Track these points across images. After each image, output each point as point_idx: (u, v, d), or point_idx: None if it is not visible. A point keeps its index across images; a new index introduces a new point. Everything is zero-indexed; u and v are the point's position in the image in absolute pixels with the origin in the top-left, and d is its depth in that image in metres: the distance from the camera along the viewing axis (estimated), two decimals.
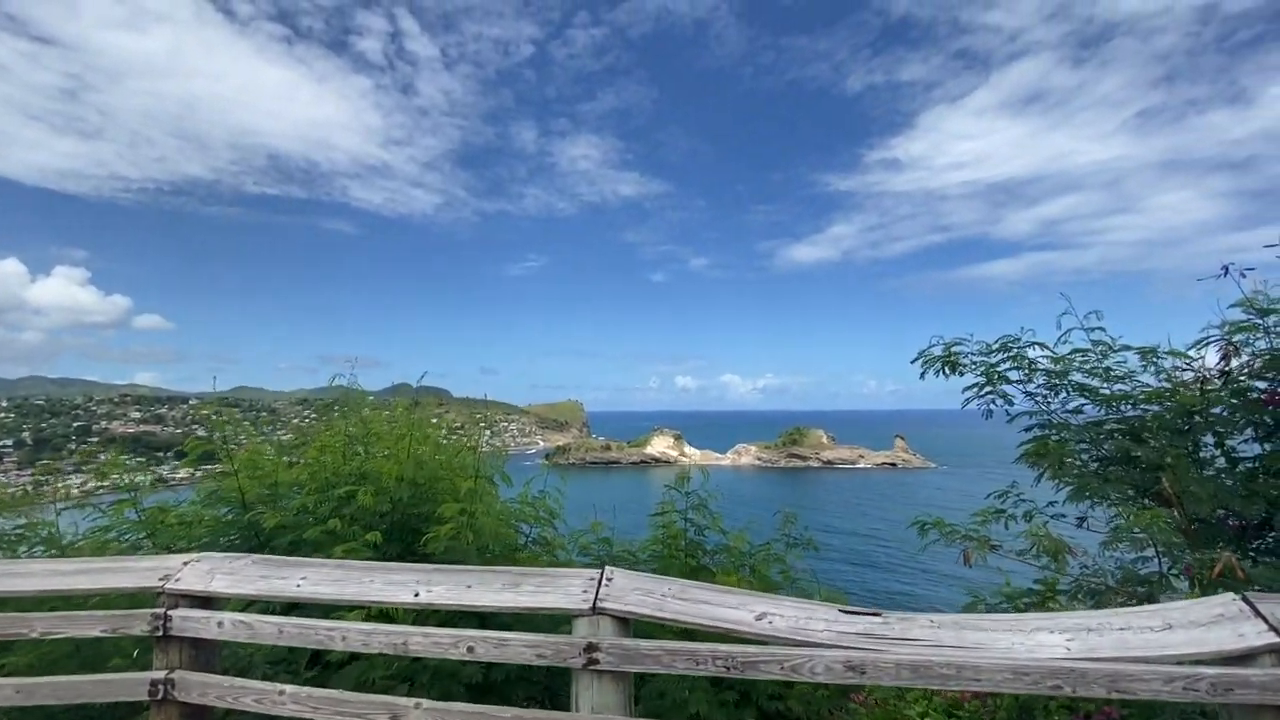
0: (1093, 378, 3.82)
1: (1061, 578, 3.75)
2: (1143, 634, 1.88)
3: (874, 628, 2.02)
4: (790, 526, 5.36)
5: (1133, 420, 3.64)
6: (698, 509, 4.53)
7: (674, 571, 4.25)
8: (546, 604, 2.15)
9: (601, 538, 4.82)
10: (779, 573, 4.64)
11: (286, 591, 2.42)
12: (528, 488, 4.86)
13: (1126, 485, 3.38)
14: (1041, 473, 4.08)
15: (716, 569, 4.55)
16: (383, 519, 3.96)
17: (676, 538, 4.44)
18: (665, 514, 4.62)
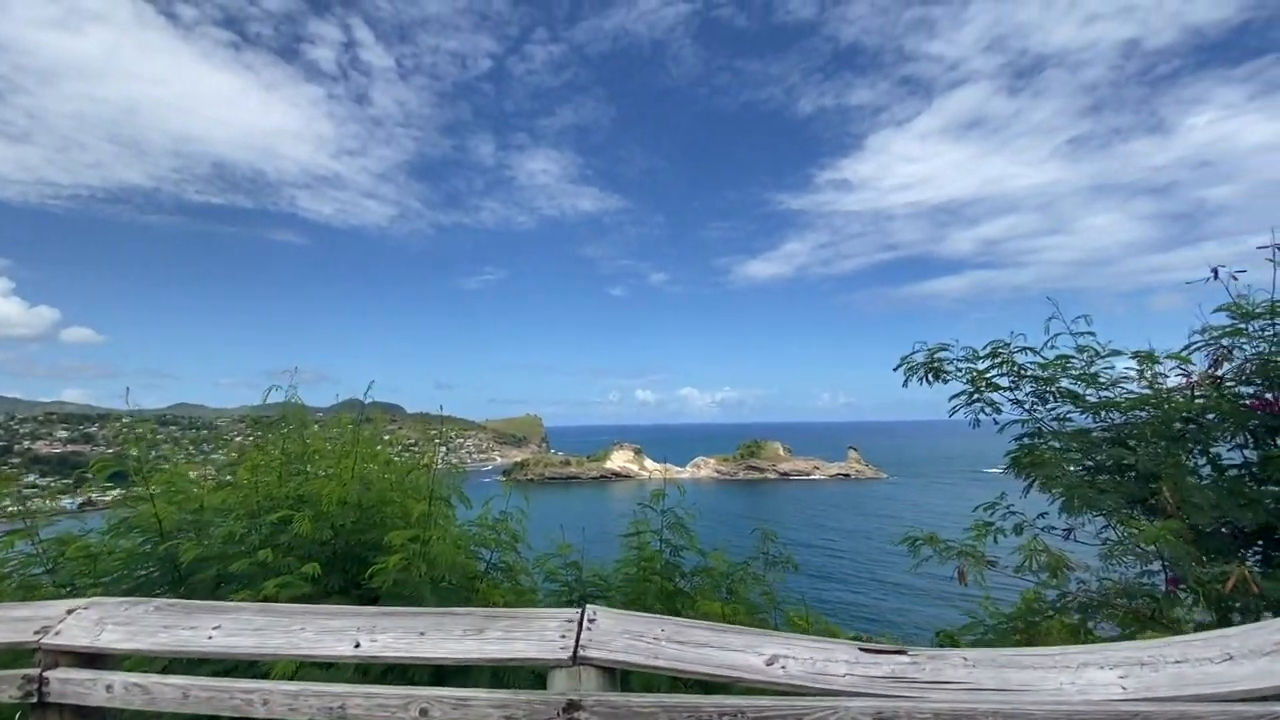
0: (1080, 384, 3.70)
1: (1046, 591, 3.59)
2: (1202, 666, 1.66)
3: (902, 669, 1.74)
4: (770, 544, 5.11)
5: (1121, 428, 3.53)
6: (674, 528, 4.22)
7: (650, 597, 3.92)
8: (517, 653, 1.80)
9: (569, 561, 4.45)
10: (760, 594, 4.36)
11: (194, 645, 1.98)
12: (487, 509, 4.46)
13: (1120, 495, 3.23)
14: (1030, 483, 3.94)
15: (694, 592, 4.24)
16: (323, 548, 3.50)
17: (652, 560, 4.11)
18: (639, 534, 4.29)
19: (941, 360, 4.14)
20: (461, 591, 3.45)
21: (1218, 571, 2.77)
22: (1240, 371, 3.31)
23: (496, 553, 4.52)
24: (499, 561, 4.56)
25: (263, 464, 3.92)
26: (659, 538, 4.29)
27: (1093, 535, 3.84)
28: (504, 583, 4.43)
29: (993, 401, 3.93)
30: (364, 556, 3.46)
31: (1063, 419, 3.80)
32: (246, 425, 5.28)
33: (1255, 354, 3.29)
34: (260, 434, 5.22)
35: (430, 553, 3.01)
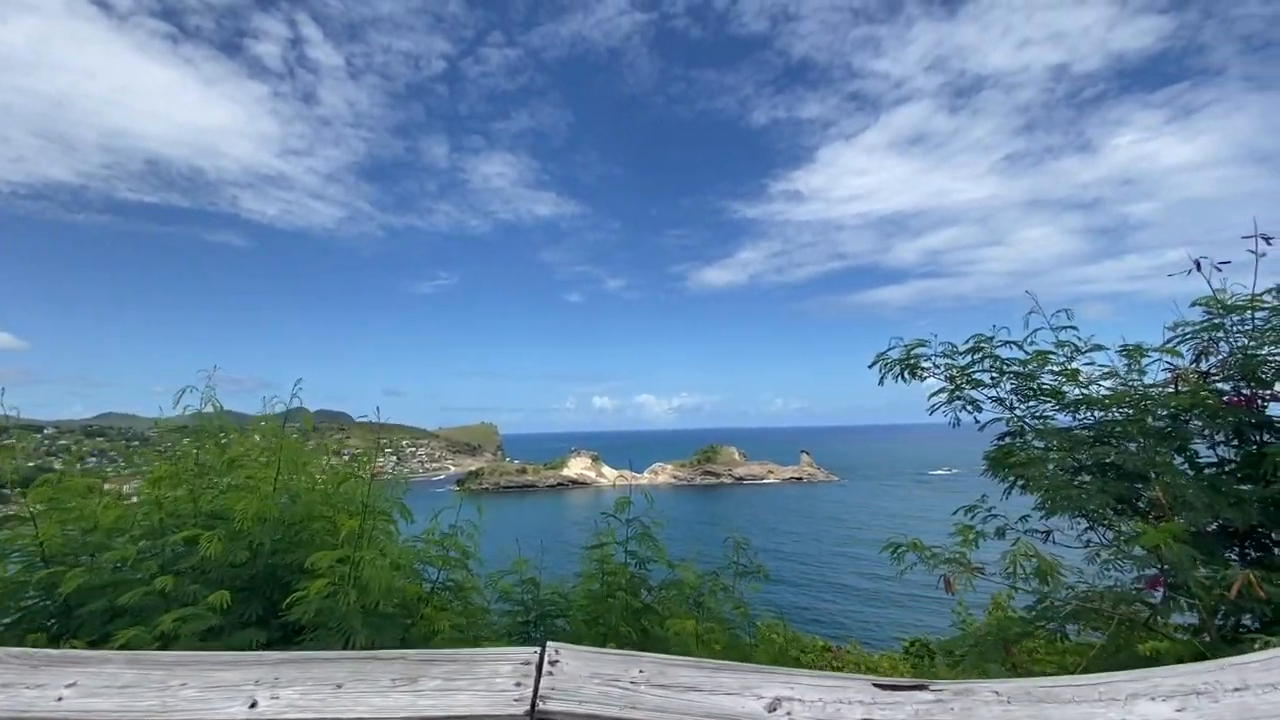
0: (1061, 380, 3.57)
1: (1026, 596, 3.42)
2: (1265, 694, 1.44)
3: (927, 709, 1.46)
4: (740, 553, 4.84)
5: (1104, 425, 3.41)
6: (641, 539, 3.89)
7: (615, 615, 3.58)
8: (460, 709, 1.43)
9: (526, 578, 4.06)
10: (732, 609, 4.07)
11: (38, 710, 1.54)
12: (435, 523, 4.04)
13: (1108, 496, 3.09)
14: (1010, 484, 3.79)
15: (661, 607, 3.92)
16: (238, 572, 3.03)
17: (616, 574, 3.77)
18: (603, 546, 3.95)
19: (918, 357, 3.96)
20: (400, 619, 3.03)
21: (1219, 575, 2.63)
22: (1224, 366, 3.22)
23: (446, 571, 4.12)
24: (448, 581, 4.15)
25: (168, 476, 3.40)
26: (624, 549, 3.96)
27: (1074, 538, 3.72)
28: (453, 604, 4.02)
29: (973, 399, 3.77)
30: (288, 582, 3.00)
31: (1043, 417, 3.66)
32: (183, 435, 4.70)
33: (1238, 348, 3.20)
34: (191, 443, 4.64)
35: (362, 577, 2.59)
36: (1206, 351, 3.31)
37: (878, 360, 4.10)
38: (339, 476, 3.43)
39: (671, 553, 4.58)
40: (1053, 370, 3.53)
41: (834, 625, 31.04)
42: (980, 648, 3.04)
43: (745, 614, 4.04)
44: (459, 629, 3.55)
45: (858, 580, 38.97)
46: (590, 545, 3.96)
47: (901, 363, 4.00)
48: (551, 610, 3.99)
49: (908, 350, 3.90)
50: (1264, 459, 3.25)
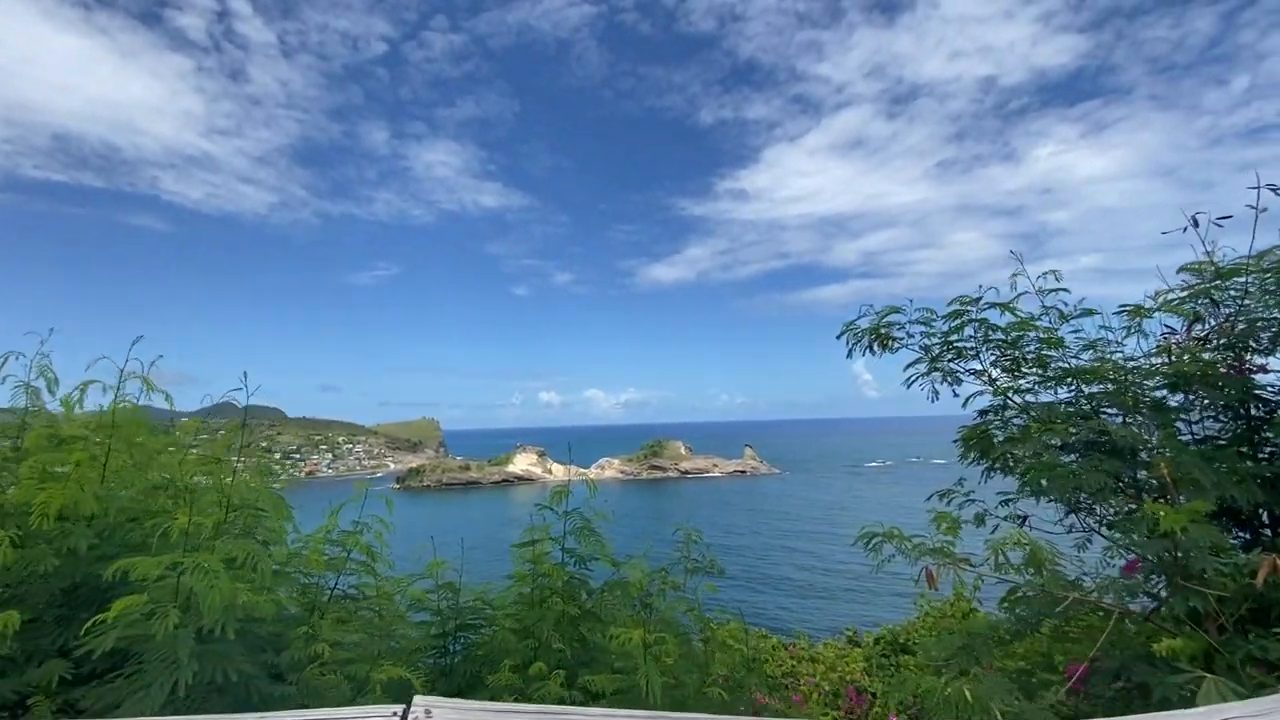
0: (1044, 349, 3.23)
1: (983, 586, 3.07)
2: None
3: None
4: (691, 546, 4.36)
5: (1097, 398, 3.09)
6: (580, 534, 3.33)
7: (548, 625, 3.01)
8: None
9: (444, 583, 3.43)
10: (684, 611, 3.58)
11: None
12: (333, 519, 3.37)
13: (1104, 474, 2.75)
14: (990, 466, 3.44)
15: (605, 612, 3.39)
16: (37, 586, 2.29)
17: (551, 576, 3.20)
18: (535, 543, 3.37)
19: (891, 325, 3.56)
20: (258, 644, 2.36)
21: (1237, 561, 2.31)
22: (1220, 332, 2.94)
23: (348, 576, 3.46)
24: (349, 588, 3.48)
25: None
26: (560, 546, 3.40)
27: (1051, 523, 3.41)
28: (361, 612, 3.37)
29: (952, 371, 3.40)
30: (112, 598, 2.30)
31: (1026, 391, 3.32)
32: (95, 432, 3.77)
33: (1237, 313, 2.93)
34: None
35: (195, 592, 1.92)
36: (1200, 318, 3.04)
37: (846, 330, 3.68)
38: (193, 462, 2.71)
39: (618, 549, 4.08)
40: (1039, 338, 3.19)
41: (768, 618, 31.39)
42: (970, 648, 2.65)
43: (699, 616, 3.56)
44: (357, 646, 2.91)
45: (792, 573, 39.48)
46: (521, 543, 3.38)
47: (872, 333, 3.59)
48: (474, 620, 3.38)
49: (880, 318, 3.49)
50: (1256, 433, 3.00)
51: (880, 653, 6.95)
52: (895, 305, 3.49)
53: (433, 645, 3.32)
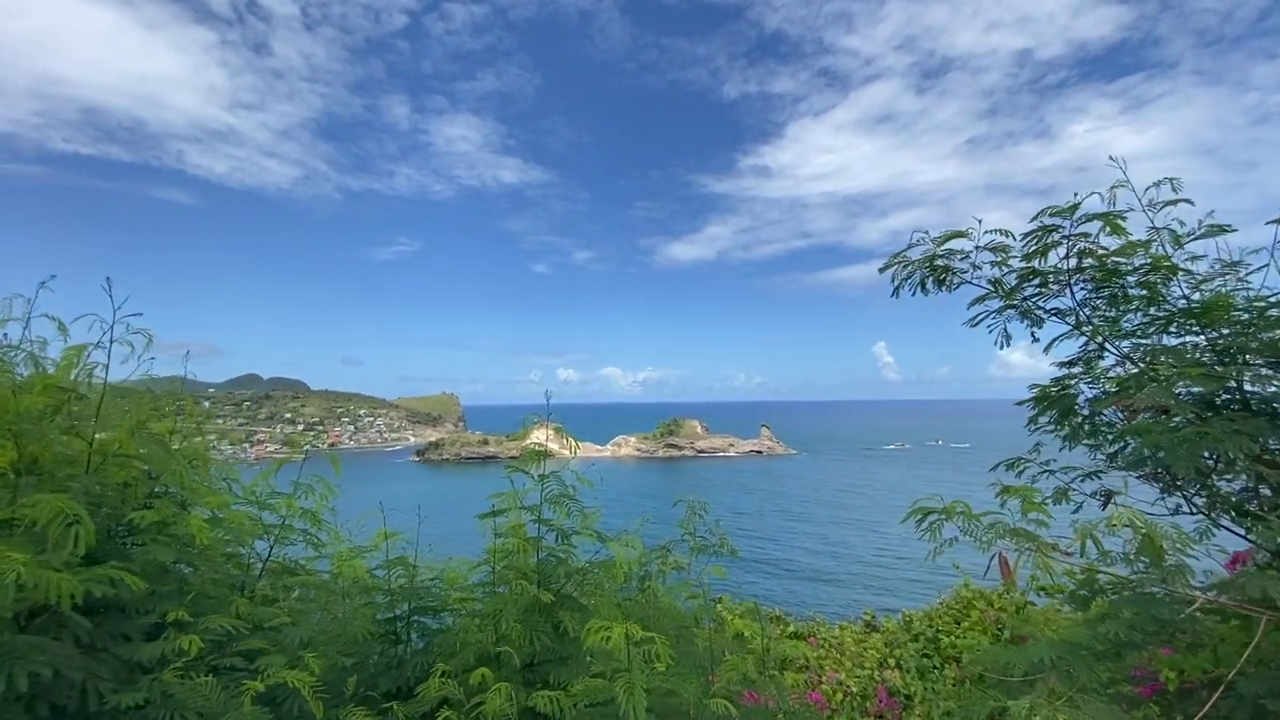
0: (1158, 280, 2.50)
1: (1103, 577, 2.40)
2: None
3: None
4: (695, 521, 3.74)
5: (1228, 343, 2.35)
6: (556, 503, 2.71)
7: (511, 614, 2.40)
8: None
9: (395, 558, 2.85)
10: (686, 597, 2.96)
11: None
12: (265, 479, 2.80)
13: (1248, 439, 2.04)
14: (1074, 430, 2.74)
15: (587, 597, 2.78)
16: None
17: (517, 552, 2.58)
18: (505, 512, 2.75)
19: (950, 255, 2.84)
20: (120, 632, 1.77)
21: None
22: None
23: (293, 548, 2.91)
24: (284, 560, 2.92)
25: None
26: (536, 518, 2.78)
27: (1149, 504, 2.70)
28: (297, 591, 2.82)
29: (1031, 310, 2.68)
30: None
31: (1129, 334, 2.60)
32: (127, 402, 3.20)
33: None
34: None
35: None
36: None
37: (892, 263, 2.97)
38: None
39: (625, 527, 3.49)
40: (1150, 266, 2.45)
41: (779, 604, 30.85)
42: (1065, 662, 1.97)
43: (702, 604, 2.94)
44: (275, 634, 2.35)
45: (805, 556, 38.60)
46: (486, 513, 2.76)
47: (926, 264, 2.88)
48: (432, 604, 2.80)
49: (939, 243, 2.77)
50: None
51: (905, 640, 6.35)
52: (958, 230, 2.76)
53: (380, 634, 2.75)
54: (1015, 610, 3.81)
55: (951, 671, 5.10)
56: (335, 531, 3.13)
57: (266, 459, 3.48)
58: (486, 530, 3.00)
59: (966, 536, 2.18)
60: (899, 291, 2.99)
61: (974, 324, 2.78)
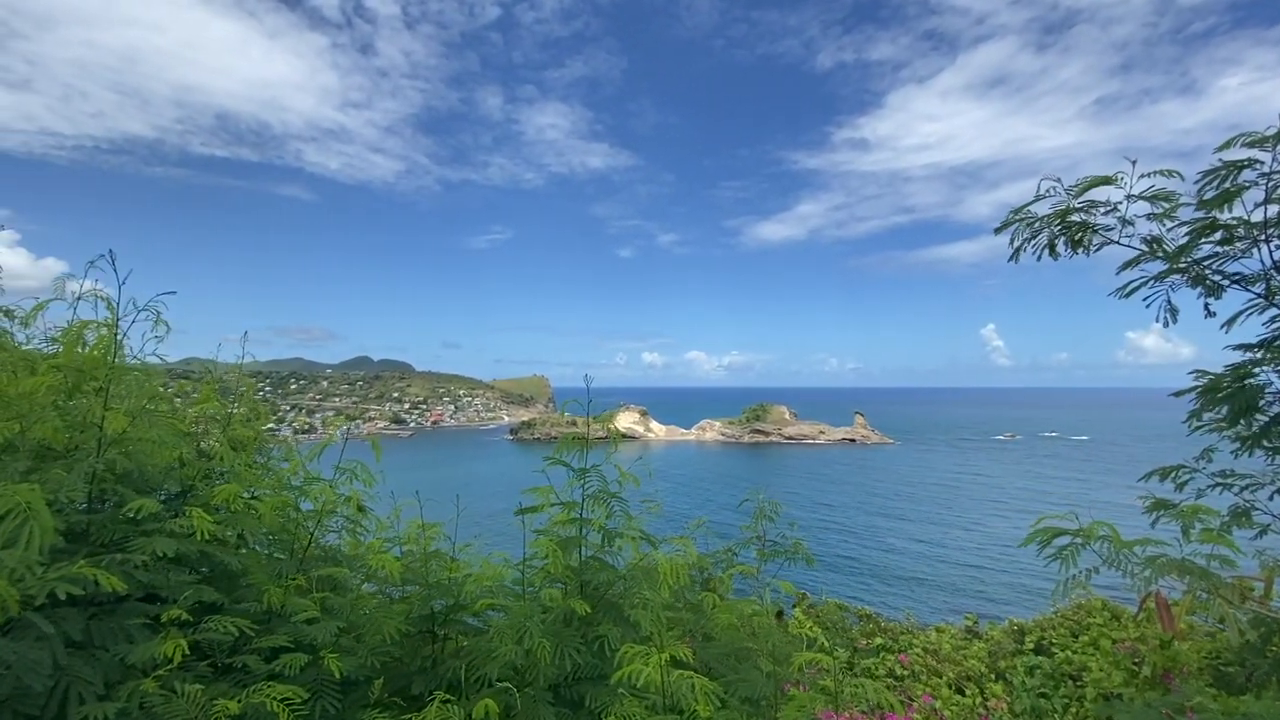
0: None
1: None
2: None
3: None
4: (763, 523, 3.34)
5: None
6: (597, 501, 2.40)
7: (537, 627, 2.13)
8: None
9: (430, 552, 2.66)
10: (749, 616, 2.58)
11: None
12: (296, 463, 2.69)
13: None
14: (1260, 432, 2.08)
15: (633, 608, 2.47)
16: None
17: (552, 556, 2.30)
18: (537, 510, 2.48)
19: (1091, 207, 2.23)
20: (111, 631, 1.65)
21: None
22: None
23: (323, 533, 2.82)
24: (326, 547, 2.83)
25: None
26: (578, 517, 2.49)
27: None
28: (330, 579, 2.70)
29: (1207, 276, 2.04)
30: None
31: None
32: (259, 380, 3.37)
33: None
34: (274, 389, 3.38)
35: None
36: None
37: (1012, 221, 2.39)
38: None
39: (697, 512, 3.15)
40: None
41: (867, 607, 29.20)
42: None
43: (764, 621, 2.55)
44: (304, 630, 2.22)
45: (895, 556, 35.96)
46: (523, 509, 2.50)
47: (1057, 221, 2.28)
48: (465, 601, 2.60)
49: (1077, 193, 2.17)
50: None
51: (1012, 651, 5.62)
52: (1104, 176, 2.15)
53: (407, 633, 2.58)
54: (1161, 645, 3.12)
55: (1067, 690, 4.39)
56: (380, 520, 3.01)
57: (378, 435, 3.47)
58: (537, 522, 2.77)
59: (1111, 568, 1.66)
60: (1018, 255, 2.42)
61: (1126, 294, 2.17)
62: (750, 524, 3.16)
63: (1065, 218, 2.26)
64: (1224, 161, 1.88)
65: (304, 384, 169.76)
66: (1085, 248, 2.31)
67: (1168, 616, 1.65)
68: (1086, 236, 2.27)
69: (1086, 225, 2.25)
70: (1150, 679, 3.20)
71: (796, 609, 6.10)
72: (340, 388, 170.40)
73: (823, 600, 7.18)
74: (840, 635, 5.49)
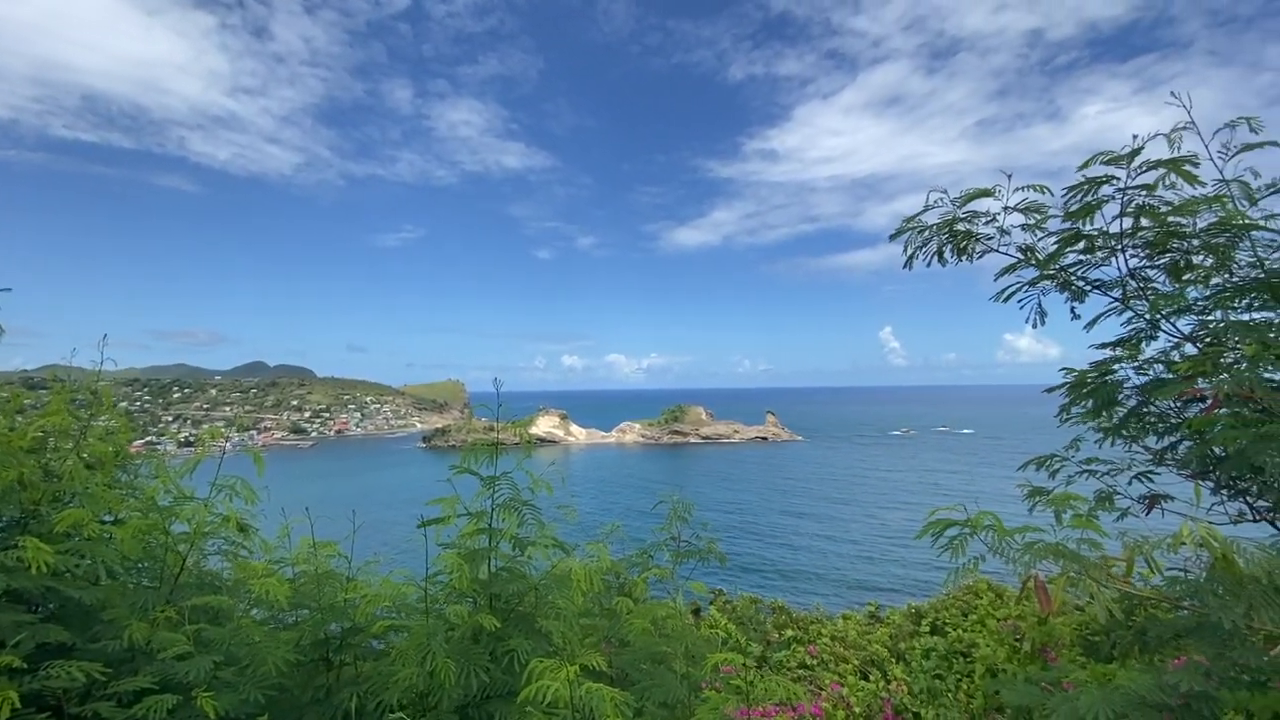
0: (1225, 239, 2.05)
1: None
2: None
3: None
4: (678, 523, 3.35)
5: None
6: (508, 510, 2.30)
7: (441, 646, 2.01)
8: None
9: (321, 572, 2.45)
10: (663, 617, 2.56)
11: None
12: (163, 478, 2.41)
13: None
14: (1119, 424, 2.31)
15: (546, 619, 2.39)
16: None
17: (458, 571, 2.18)
18: (440, 522, 2.35)
19: (973, 218, 2.39)
20: None
21: None
22: None
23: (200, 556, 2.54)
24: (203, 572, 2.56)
25: None
26: (486, 527, 2.38)
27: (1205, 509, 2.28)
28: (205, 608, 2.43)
29: (1073, 282, 2.24)
30: None
31: (1188, 309, 2.16)
32: (134, 388, 2.73)
33: None
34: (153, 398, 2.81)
35: None
36: None
37: (905, 229, 2.53)
38: None
39: (616, 516, 3.09)
40: (1218, 226, 2.00)
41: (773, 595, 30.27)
42: (1153, 714, 1.56)
43: (678, 622, 2.54)
44: (169, 667, 1.97)
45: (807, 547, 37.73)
46: (426, 521, 2.35)
47: (944, 230, 2.44)
48: (363, 624, 2.42)
49: (962, 202, 2.33)
50: None
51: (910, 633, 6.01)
52: (983, 188, 2.31)
53: (309, 659, 2.37)
54: (1039, 622, 3.41)
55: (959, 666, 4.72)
56: (266, 541, 2.75)
57: (274, 447, 3.10)
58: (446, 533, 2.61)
59: (996, 555, 1.77)
60: (912, 262, 2.56)
61: (1004, 298, 2.35)
62: (665, 525, 3.16)
63: (951, 227, 2.42)
64: (1086, 178, 2.08)
65: (189, 392, 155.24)
66: (969, 255, 2.49)
67: (1045, 596, 1.79)
68: (970, 245, 2.44)
69: (970, 234, 2.42)
70: (1030, 654, 3.49)
71: (713, 606, 6.20)
72: (231, 396, 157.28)
73: (737, 595, 7.36)
74: (754, 630, 5.63)
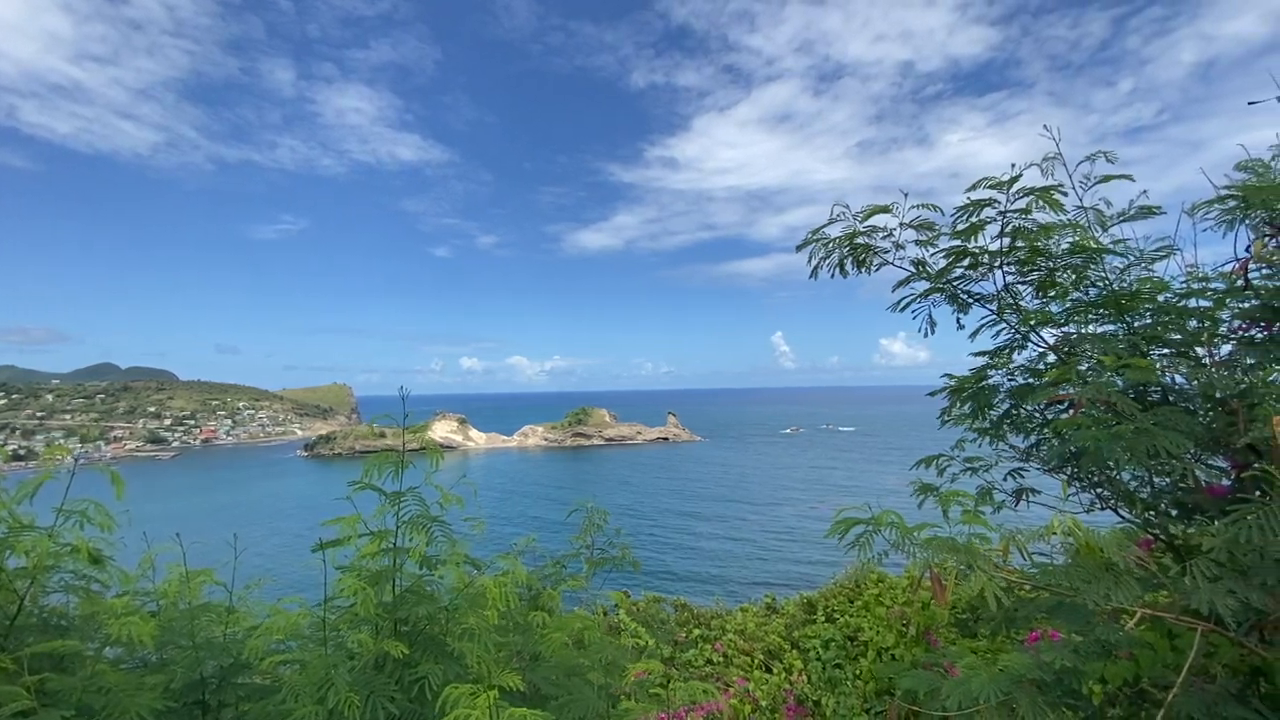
0: (1084, 262, 2.33)
1: None
2: None
3: None
4: (594, 531, 3.33)
5: (1156, 331, 2.22)
6: (415, 527, 2.16)
7: (344, 679, 1.85)
8: None
9: (198, 604, 2.17)
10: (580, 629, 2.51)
11: None
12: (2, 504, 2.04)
13: (1181, 435, 1.88)
14: (994, 425, 2.55)
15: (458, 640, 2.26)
16: None
17: (360, 596, 2.01)
18: (339, 543, 2.16)
19: (872, 233, 2.56)
20: None
21: None
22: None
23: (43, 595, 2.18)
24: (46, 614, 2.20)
25: None
26: (389, 546, 2.22)
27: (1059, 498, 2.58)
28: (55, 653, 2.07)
29: (960, 295, 2.45)
30: None
31: (1050, 321, 2.43)
32: None
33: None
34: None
35: None
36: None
37: (810, 241, 2.66)
38: None
39: (524, 524, 2.97)
40: (1076, 248, 2.27)
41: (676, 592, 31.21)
42: (1033, 690, 1.71)
43: (594, 633, 2.51)
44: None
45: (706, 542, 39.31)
46: (321, 544, 2.15)
47: (846, 244, 2.59)
48: (248, 660, 2.17)
49: (862, 217, 2.48)
50: None
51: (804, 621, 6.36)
52: (882, 205, 2.48)
53: (181, 704, 2.09)
54: (922, 607, 3.72)
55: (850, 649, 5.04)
56: (125, 573, 2.40)
57: (127, 459, 2.65)
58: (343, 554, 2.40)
59: (898, 551, 1.90)
60: (817, 273, 2.69)
61: (900, 308, 2.54)
62: (579, 535, 3.12)
63: (853, 240, 2.57)
64: (971, 199, 2.28)
65: (19, 398, 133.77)
66: (868, 267, 2.65)
67: (940, 589, 1.93)
68: (869, 258, 2.61)
69: (869, 248, 2.59)
70: (915, 637, 3.79)
71: (620, 610, 6.21)
72: (73, 402, 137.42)
73: (641, 596, 7.44)
74: (662, 631, 5.70)
